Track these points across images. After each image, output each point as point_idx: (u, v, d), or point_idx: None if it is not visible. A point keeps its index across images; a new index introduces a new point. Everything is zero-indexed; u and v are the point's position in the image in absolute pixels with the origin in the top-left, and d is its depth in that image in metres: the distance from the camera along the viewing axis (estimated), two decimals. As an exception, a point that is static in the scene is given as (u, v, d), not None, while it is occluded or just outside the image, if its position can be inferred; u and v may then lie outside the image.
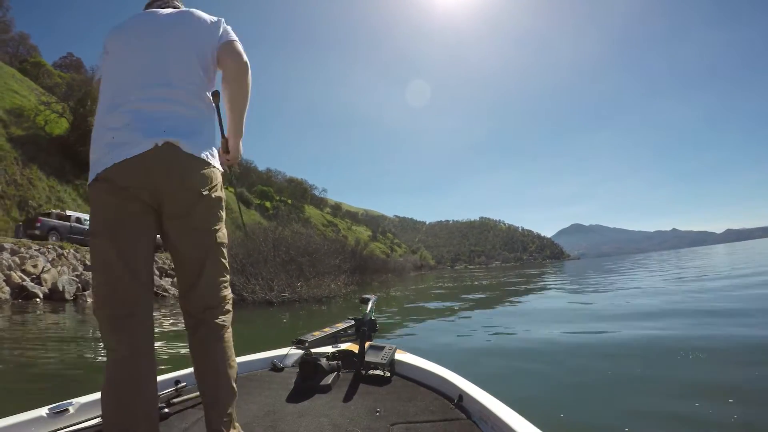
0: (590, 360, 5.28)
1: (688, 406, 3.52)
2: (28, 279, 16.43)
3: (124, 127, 1.56)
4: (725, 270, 19.64)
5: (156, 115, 1.60)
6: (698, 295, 10.87)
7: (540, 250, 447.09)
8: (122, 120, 1.58)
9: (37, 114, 39.90)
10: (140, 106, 1.60)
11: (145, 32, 1.77)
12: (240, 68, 1.80)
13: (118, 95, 1.65)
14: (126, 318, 1.54)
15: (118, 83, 1.69)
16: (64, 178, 37.16)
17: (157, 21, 1.80)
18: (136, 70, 1.69)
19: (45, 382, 5.27)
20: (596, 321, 8.24)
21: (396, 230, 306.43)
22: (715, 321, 7.08)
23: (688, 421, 3.27)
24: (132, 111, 1.59)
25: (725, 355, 5.07)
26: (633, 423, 3.29)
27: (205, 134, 1.72)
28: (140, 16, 1.84)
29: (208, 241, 1.71)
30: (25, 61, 58.14)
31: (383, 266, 58.27)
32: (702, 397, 3.71)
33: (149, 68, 1.69)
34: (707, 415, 3.32)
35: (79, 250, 22.28)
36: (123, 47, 1.76)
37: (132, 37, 1.77)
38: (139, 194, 1.55)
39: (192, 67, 1.74)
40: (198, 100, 1.73)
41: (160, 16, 1.82)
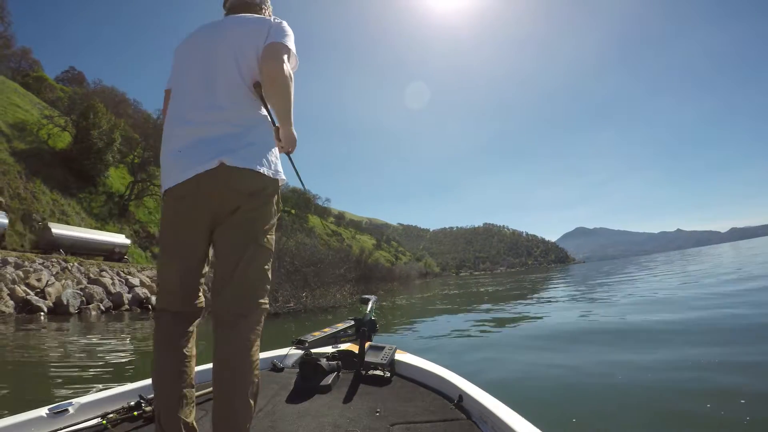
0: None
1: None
2: (32, 293, 16.32)
3: (182, 149, 1.71)
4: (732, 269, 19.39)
5: (207, 138, 1.70)
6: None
7: (545, 254, 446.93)
8: (179, 142, 1.73)
9: (40, 128, 40.10)
10: (192, 130, 1.73)
11: (198, 47, 1.90)
12: (270, 74, 1.77)
13: (176, 114, 1.81)
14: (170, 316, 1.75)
15: (176, 100, 1.85)
16: (67, 192, 37.24)
17: (208, 34, 1.92)
18: (189, 89, 1.82)
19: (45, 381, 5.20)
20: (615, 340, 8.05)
21: (400, 238, 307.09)
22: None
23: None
24: (186, 134, 1.73)
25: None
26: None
27: (256, 143, 1.76)
28: (201, 28, 1.97)
29: (245, 242, 1.73)
30: (28, 75, 58.55)
31: (388, 274, 58.39)
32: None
33: (199, 88, 1.80)
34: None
35: (83, 264, 22.21)
36: (181, 63, 1.92)
37: (188, 52, 1.91)
38: (196, 209, 1.72)
39: (237, 84, 1.79)
40: (247, 111, 1.79)
41: (214, 27, 1.94)
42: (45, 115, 41.02)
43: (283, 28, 1.89)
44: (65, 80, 71.10)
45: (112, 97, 57.49)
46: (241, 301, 1.70)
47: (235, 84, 1.80)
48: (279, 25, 1.90)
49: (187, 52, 1.92)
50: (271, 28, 1.86)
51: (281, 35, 1.84)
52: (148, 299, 20.81)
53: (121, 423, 2.01)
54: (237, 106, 1.78)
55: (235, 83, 1.80)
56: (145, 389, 2.35)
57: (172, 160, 1.74)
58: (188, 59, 1.90)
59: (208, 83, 1.79)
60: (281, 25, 1.90)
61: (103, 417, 1.99)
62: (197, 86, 1.81)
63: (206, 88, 1.79)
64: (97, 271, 21.59)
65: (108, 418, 1.98)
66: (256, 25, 1.88)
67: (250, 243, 1.73)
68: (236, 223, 1.73)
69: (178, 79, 1.90)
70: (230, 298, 1.70)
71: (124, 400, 2.18)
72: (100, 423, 1.95)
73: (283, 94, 1.78)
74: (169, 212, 1.77)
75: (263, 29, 1.86)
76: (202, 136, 1.71)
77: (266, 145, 1.81)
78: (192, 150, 1.69)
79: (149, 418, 2.05)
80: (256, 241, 1.74)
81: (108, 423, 1.95)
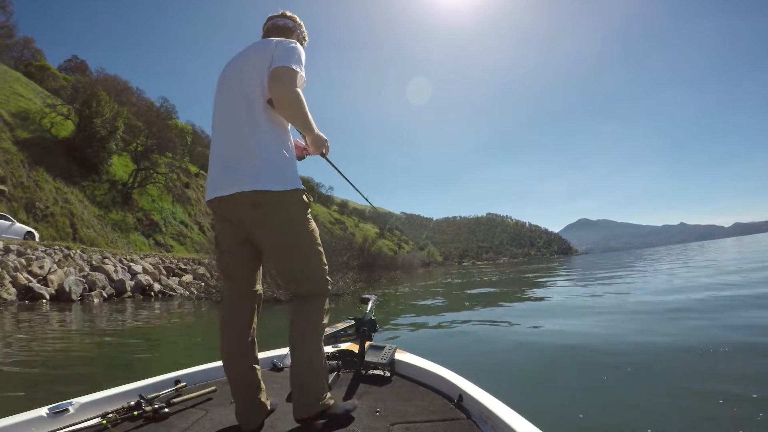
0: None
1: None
2: (34, 280, 16.37)
3: (213, 172, 2.07)
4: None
5: (230, 166, 2.00)
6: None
7: (548, 245, 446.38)
8: (212, 163, 2.09)
9: (43, 117, 40.00)
10: (220, 153, 2.05)
11: (226, 74, 2.17)
12: (279, 98, 1.95)
13: (213, 136, 2.14)
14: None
15: (213, 122, 2.16)
16: (70, 180, 37.27)
17: (234, 63, 2.17)
18: (219, 114, 2.13)
19: (45, 381, 5.17)
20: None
21: (403, 227, 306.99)
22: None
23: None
24: (215, 158, 2.08)
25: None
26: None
27: (272, 164, 1.98)
28: (235, 56, 2.22)
29: (274, 245, 2.04)
30: (30, 64, 58.36)
31: (391, 263, 58.39)
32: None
33: (225, 113, 2.09)
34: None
35: (85, 251, 22.23)
36: (217, 88, 2.18)
37: (222, 79, 2.18)
38: (226, 219, 2.09)
39: (254, 109, 2.01)
40: (261, 136, 2.00)
41: (239, 56, 2.19)
42: (48, 104, 40.86)
43: (287, 49, 2.03)
44: (68, 69, 70.86)
45: (115, 86, 57.29)
46: (293, 287, 2.10)
47: (253, 108, 2.01)
48: (282, 45, 2.05)
49: (220, 80, 2.19)
50: (275, 51, 2.03)
51: (284, 57, 1.98)
52: (150, 286, 20.87)
53: (121, 423, 2.02)
54: (256, 130, 2.00)
55: (253, 108, 2.01)
56: (145, 389, 2.36)
57: (208, 180, 2.11)
58: (219, 87, 2.17)
59: (227, 110, 2.09)
60: (284, 45, 2.06)
61: (103, 417, 1.99)
62: (222, 114, 2.12)
63: (228, 114, 2.08)
64: (99, 258, 21.59)
65: (108, 417, 1.98)
66: (261, 50, 2.07)
67: (279, 248, 2.05)
68: (262, 232, 2.04)
69: (214, 104, 2.19)
70: (287, 286, 2.14)
71: (124, 399, 2.19)
72: (100, 423, 1.96)
73: (295, 112, 1.98)
74: (218, 221, 2.15)
75: (267, 52, 2.04)
76: (222, 165, 2.03)
77: (272, 161, 2.00)
78: (213, 177, 2.06)
79: (149, 418, 2.07)
80: (282, 243, 2.04)
81: (108, 423, 1.96)
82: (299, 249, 2.05)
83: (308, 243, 2.07)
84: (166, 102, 61.22)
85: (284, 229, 2.02)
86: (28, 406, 2.03)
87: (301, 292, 2.07)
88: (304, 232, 2.06)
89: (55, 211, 32.27)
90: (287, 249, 2.04)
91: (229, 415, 2.10)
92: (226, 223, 2.08)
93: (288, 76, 1.94)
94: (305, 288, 2.07)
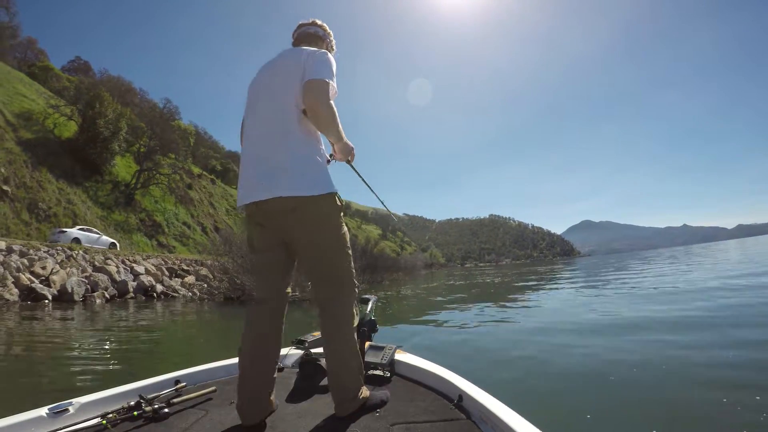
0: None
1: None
2: (36, 281, 16.34)
3: (247, 177, 2.12)
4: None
5: (266, 172, 2.05)
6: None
7: (550, 247, 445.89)
8: (247, 168, 2.14)
9: (46, 117, 40.21)
10: (255, 159, 2.11)
11: (259, 83, 2.24)
12: (312, 110, 2.05)
13: (246, 142, 2.20)
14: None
15: (246, 130, 2.23)
16: (74, 180, 37.37)
17: (266, 72, 2.25)
18: (252, 122, 2.19)
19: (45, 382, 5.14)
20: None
21: (406, 228, 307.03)
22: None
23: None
24: (250, 163, 2.13)
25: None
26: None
27: (308, 170, 2.06)
28: (264, 64, 2.31)
29: (309, 247, 2.11)
30: (33, 65, 58.62)
31: (394, 264, 58.31)
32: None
33: (259, 121, 2.16)
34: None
35: (88, 251, 22.24)
36: (250, 95, 2.26)
37: (255, 87, 2.25)
38: (261, 223, 2.15)
39: (289, 118, 2.08)
40: (296, 143, 2.07)
41: (270, 64, 2.26)
42: (51, 105, 41.13)
43: (320, 61, 2.10)
44: (71, 70, 71.07)
45: (118, 87, 57.54)
46: (320, 293, 2.13)
47: (279, 118, 2.10)
48: (314, 57, 2.12)
49: (252, 88, 2.26)
50: (306, 62, 2.10)
51: (317, 70, 2.06)
52: (153, 287, 20.80)
53: (121, 423, 2.01)
54: (289, 138, 2.07)
55: (278, 117, 2.10)
56: (145, 389, 2.35)
57: (240, 186, 2.17)
58: (252, 94, 2.25)
59: (262, 118, 2.15)
60: (316, 57, 2.12)
61: (103, 417, 1.98)
62: (255, 120, 2.19)
63: (262, 124, 2.14)
64: (102, 259, 21.57)
65: (108, 418, 1.97)
66: (294, 59, 2.15)
67: (311, 254, 2.12)
68: (295, 238, 2.13)
69: (245, 112, 2.28)
70: (314, 291, 2.16)
71: (124, 400, 2.19)
72: (100, 423, 1.95)
73: (328, 123, 2.07)
74: (251, 224, 2.21)
75: (299, 63, 2.11)
76: (257, 171, 2.08)
77: (311, 172, 2.07)
78: (245, 183, 2.12)
79: (149, 418, 2.07)
80: (314, 249, 2.11)
81: (108, 423, 1.95)
82: (332, 251, 2.12)
83: (340, 245, 2.14)
84: (169, 103, 61.29)
85: (319, 231, 2.09)
86: (28, 406, 2.02)
87: (331, 293, 2.12)
88: (337, 235, 2.13)
89: (58, 212, 32.34)
90: (321, 251, 2.10)
91: (229, 415, 2.11)
92: (260, 226, 2.15)
93: (322, 88, 2.02)
94: (335, 289, 2.12)
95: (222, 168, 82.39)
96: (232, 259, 19.81)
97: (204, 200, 60.22)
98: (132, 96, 62.21)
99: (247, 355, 2.09)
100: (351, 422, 1.97)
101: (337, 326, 2.08)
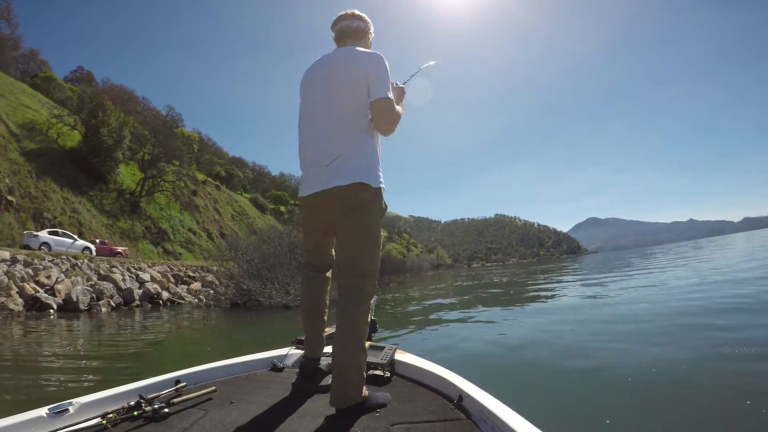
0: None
1: None
2: (41, 290, 16.21)
3: (305, 173, 2.31)
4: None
5: (319, 166, 2.20)
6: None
7: (557, 245, 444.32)
8: (305, 167, 2.32)
9: (50, 127, 40.26)
10: (311, 156, 2.26)
11: (313, 82, 2.33)
12: (384, 128, 2.25)
13: (302, 140, 2.37)
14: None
15: (302, 127, 2.39)
16: (78, 190, 37.43)
17: (320, 70, 2.32)
18: (308, 121, 2.34)
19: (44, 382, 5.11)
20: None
21: (411, 230, 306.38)
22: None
23: None
24: (306, 160, 2.31)
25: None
26: None
27: (361, 162, 2.17)
28: (317, 62, 2.39)
29: (351, 234, 2.20)
30: (36, 76, 58.88)
31: (400, 266, 58.36)
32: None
33: (315, 119, 2.29)
34: None
35: (93, 260, 22.15)
36: (303, 94, 2.40)
37: (308, 85, 2.37)
38: (315, 211, 2.33)
39: (350, 117, 2.20)
40: (355, 137, 2.19)
41: (324, 62, 2.33)
42: (54, 115, 41.17)
43: (381, 78, 2.17)
44: (74, 80, 71.35)
45: (120, 95, 57.75)
46: (347, 275, 2.20)
47: (336, 116, 2.21)
48: (375, 71, 2.17)
49: (307, 86, 2.38)
50: (368, 74, 2.17)
51: (381, 88, 2.15)
52: (159, 294, 20.66)
53: (121, 423, 1.99)
54: (347, 133, 2.20)
55: (339, 116, 2.20)
56: (145, 389, 2.34)
57: (301, 178, 2.36)
58: (307, 94, 2.37)
59: (322, 116, 2.26)
60: (377, 71, 2.18)
61: (103, 417, 1.95)
62: (312, 121, 2.32)
63: (319, 120, 2.27)
64: (107, 267, 21.49)
65: (108, 418, 1.95)
66: (353, 63, 2.21)
67: (349, 242, 2.22)
68: (339, 226, 2.24)
69: (301, 110, 2.41)
70: (341, 273, 2.24)
71: (124, 400, 2.16)
72: (100, 423, 1.92)
73: (393, 131, 2.27)
74: (306, 212, 2.39)
75: (360, 70, 2.18)
76: (316, 167, 2.23)
77: (364, 160, 2.18)
78: (305, 176, 2.30)
79: (149, 418, 2.04)
80: (352, 238, 2.21)
81: (108, 423, 1.93)
82: (369, 243, 2.21)
83: (375, 241, 2.24)
84: (172, 110, 61.51)
85: (364, 222, 2.18)
86: (28, 406, 2.01)
87: (355, 284, 2.17)
88: (376, 231, 2.24)
89: (63, 221, 32.36)
90: (358, 240, 2.19)
91: (229, 415, 2.08)
92: (316, 211, 2.31)
93: (389, 108, 2.16)
94: (359, 282, 2.18)
95: (226, 174, 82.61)
96: (237, 264, 19.70)
97: (209, 206, 60.30)
98: (135, 104, 62.42)
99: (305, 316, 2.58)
100: (351, 422, 1.95)
101: (352, 320, 2.12)
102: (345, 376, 2.03)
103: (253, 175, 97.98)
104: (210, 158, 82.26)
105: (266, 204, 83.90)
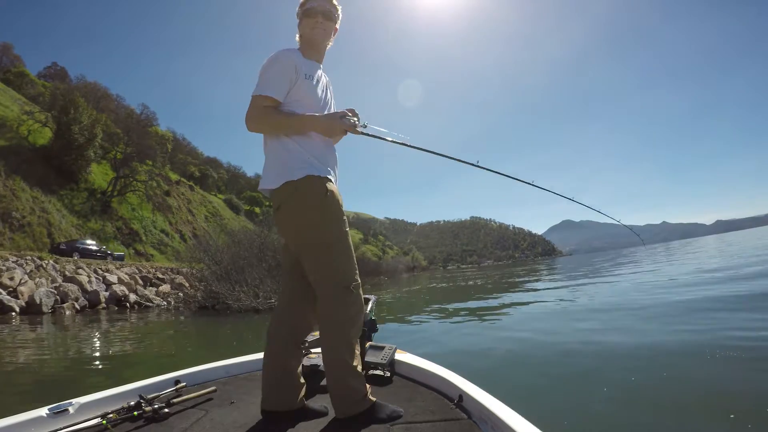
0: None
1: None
2: (4, 292, 15.99)
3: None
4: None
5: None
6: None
7: (532, 247, 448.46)
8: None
9: (20, 124, 39.30)
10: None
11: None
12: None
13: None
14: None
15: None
16: (48, 189, 36.65)
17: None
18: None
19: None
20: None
21: (387, 232, 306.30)
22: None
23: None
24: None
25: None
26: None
27: (279, 165, 2.08)
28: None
29: (296, 242, 2.11)
30: (8, 71, 57.48)
31: (376, 268, 58.27)
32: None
33: None
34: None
35: (58, 261, 21.80)
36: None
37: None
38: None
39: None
40: (268, 139, 2.15)
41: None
42: (25, 111, 40.22)
43: (261, 71, 2.10)
44: (47, 76, 69.85)
45: (93, 92, 56.56)
46: (315, 285, 2.07)
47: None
48: (262, 68, 2.11)
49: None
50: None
51: (256, 85, 2.07)
52: (126, 297, 20.48)
53: (121, 423, 2.03)
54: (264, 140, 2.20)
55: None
56: (145, 389, 2.37)
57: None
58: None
59: None
60: (262, 67, 2.10)
61: (103, 417, 2.00)
62: None
63: None
64: (73, 269, 21.20)
65: (108, 418, 1.99)
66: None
67: (300, 246, 2.10)
68: (282, 232, 2.23)
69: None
70: (311, 282, 2.10)
71: (124, 400, 2.19)
72: (100, 423, 1.96)
73: (268, 130, 2.12)
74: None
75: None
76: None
77: (287, 167, 2.05)
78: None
79: (149, 418, 2.08)
80: (302, 242, 2.09)
81: (108, 423, 1.97)
82: (309, 235, 2.06)
83: (318, 229, 2.05)
84: (147, 109, 60.61)
85: (292, 222, 2.08)
86: (28, 406, 2.03)
87: (318, 290, 2.06)
88: (316, 219, 2.05)
89: (32, 221, 31.70)
90: (298, 235, 2.10)
91: (229, 415, 2.11)
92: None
93: (250, 105, 2.06)
94: (321, 286, 2.05)
95: (200, 174, 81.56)
96: (206, 266, 19.53)
97: (182, 207, 59.53)
98: (108, 102, 61.40)
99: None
100: (351, 422, 1.95)
101: (326, 326, 2.02)
102: (334, 386, 1.98)
103: (228, 175, 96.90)
104: (184, 158, 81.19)
105: (241, 205, 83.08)
